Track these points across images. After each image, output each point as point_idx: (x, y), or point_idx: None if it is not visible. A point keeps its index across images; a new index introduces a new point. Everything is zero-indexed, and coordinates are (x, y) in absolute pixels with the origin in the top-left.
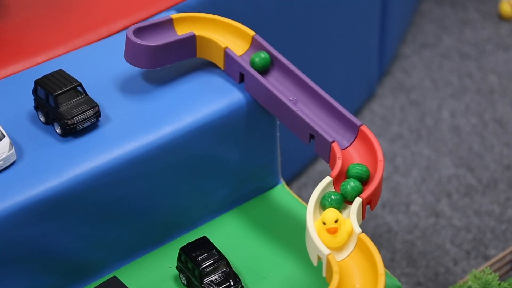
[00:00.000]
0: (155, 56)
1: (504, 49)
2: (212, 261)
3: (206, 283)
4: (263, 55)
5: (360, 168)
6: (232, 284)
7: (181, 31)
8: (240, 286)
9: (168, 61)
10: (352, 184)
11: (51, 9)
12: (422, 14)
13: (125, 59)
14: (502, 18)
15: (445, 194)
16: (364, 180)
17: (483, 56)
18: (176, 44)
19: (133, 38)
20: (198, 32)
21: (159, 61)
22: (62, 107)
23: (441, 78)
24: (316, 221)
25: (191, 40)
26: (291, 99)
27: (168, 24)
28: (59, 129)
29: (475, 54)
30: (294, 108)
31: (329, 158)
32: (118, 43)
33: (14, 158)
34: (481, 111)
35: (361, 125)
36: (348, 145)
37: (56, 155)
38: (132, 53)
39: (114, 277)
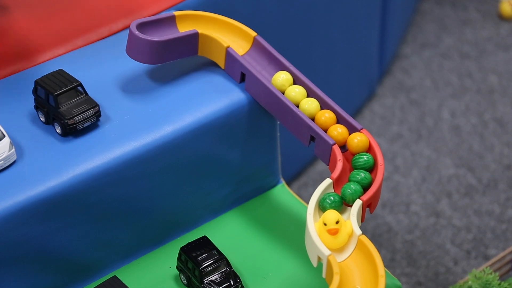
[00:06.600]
0: (157, 51)
1: (504, 49)
2: (212, 261)
3: (206, 282)
4: (354, 186)
5: (363, 175)
6: (232, 283)
7: (183, 28)
8: (240, 285)
9: (170, 58)
10: (352, 187)
11: (51, 9)
12: (422, 14)
13: (127, 53)
14: (502, 18)
15: (445, 194)
16: (366, 186)
17: (483, 56)
18: (179, 41)
19: (136, 32)
20: (200, 30)
21: (160, 57)
22: (62, 106)
23: (441, 78)
24: (317, 222)
25: (193, 38)
26: None
27: (171, 21)
28: (59, 129)
29: (475, 54)
30: (295, 109)
31: (329, 160)
32: (119, 42)
33: (14, 158)
34: (481, 111)
35: (362, 128)
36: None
37: (56, 155)
38: (135, 48)
39: (114, 277)
